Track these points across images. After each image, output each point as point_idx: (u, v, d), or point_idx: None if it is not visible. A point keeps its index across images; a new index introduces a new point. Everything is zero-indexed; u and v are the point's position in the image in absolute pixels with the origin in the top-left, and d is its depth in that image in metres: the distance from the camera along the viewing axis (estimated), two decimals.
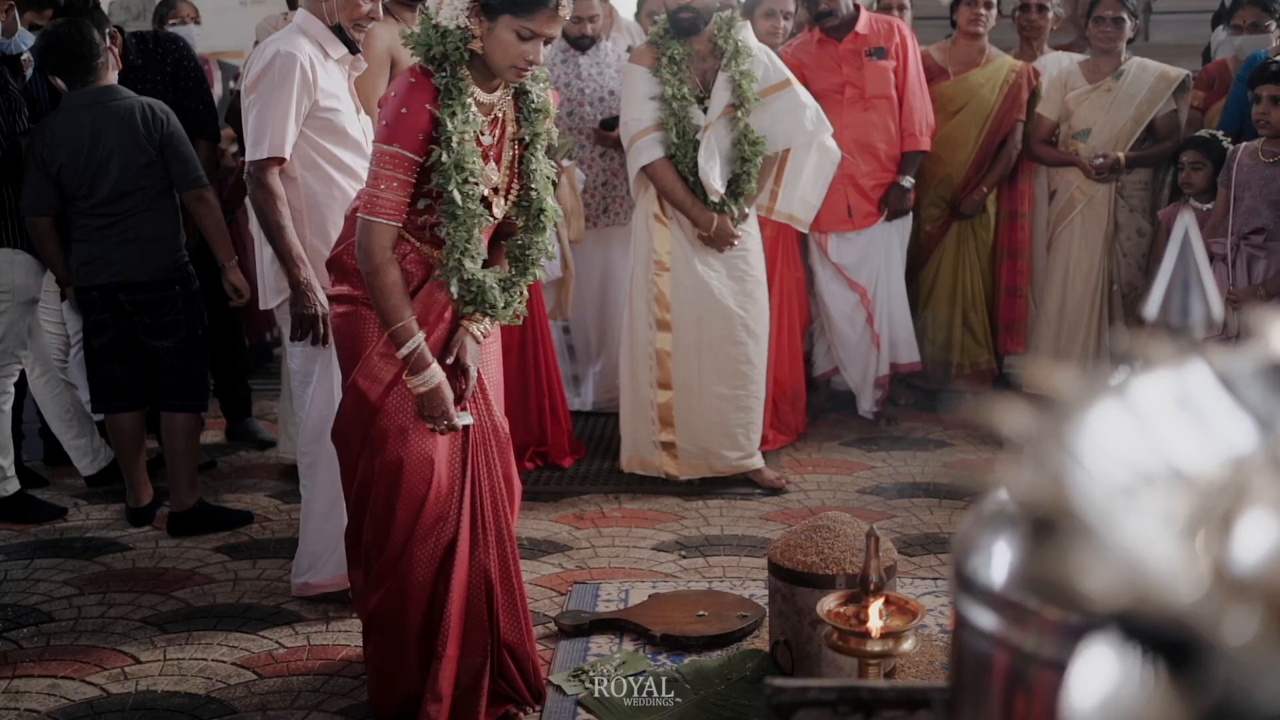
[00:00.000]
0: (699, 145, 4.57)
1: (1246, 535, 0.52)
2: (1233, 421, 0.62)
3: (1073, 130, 5.40)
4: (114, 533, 4.48)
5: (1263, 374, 0.65)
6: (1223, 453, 0.60)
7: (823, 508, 4.44)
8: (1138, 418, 0.63)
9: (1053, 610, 0.76)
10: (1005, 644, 0.81)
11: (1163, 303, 0.87)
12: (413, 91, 2.81)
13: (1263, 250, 4.57)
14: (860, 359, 5.51)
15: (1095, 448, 0.60)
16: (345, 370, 3.07)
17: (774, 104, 4.69)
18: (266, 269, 3.83)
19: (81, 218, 4.36)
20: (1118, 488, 0.57)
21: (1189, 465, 0.59)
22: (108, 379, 4.48)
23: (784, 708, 1.16)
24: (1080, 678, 0.56)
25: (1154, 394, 0.65)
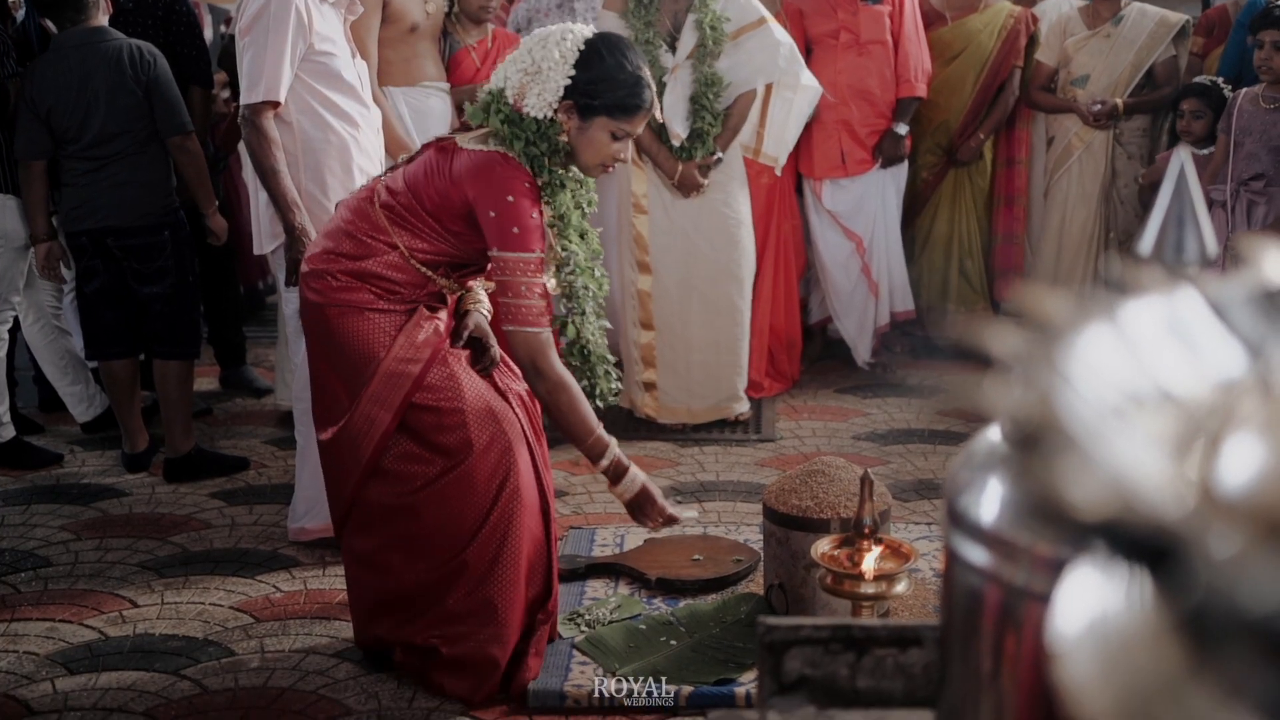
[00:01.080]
0: (665, 88, 4.56)
1: (1233, 457, 0.52)
2: (1223, 346, 0.63)
3: (1071, 76, 5.36)
4: (110, 479, 4.49)
5: (1253, 301, 0.66)
6: (1212, 377, 0.60)
7: (818, 453, 4.46)
8: (1128, 341, 0.63)
9: (1042, 545, 0.78)
10: (996, 579, 0.83)
11: (1157, 239, 0.87)
12: (529, 193, 2.80)
13: (1262, 196, 4.55)
14: (856, 308, 5.50)
15: (1085, 369, 0.61)
16: (344, 370, 2.92)
17: (747, 43, 4.67)
18: (261, 214, 3.81)
19: (70, 161, 4.33)
20: (1107, 407, 0.58)
21: (1178, 388, 0.59)
22: (99, 326, 4.46)
23: (777, 646, 1.17)
24: (1066, 602, 0.57)
25: (1145, 319, 0.65)
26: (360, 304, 2.90)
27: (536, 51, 2.81)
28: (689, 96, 4.61)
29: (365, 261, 2.90)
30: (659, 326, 4.82)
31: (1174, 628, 0.50)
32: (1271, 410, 0.56)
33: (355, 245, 2.91)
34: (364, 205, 2.95)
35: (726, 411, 4.88)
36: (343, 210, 3.01)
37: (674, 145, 4.62)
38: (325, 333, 2.93)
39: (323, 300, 2.92)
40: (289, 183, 3.65)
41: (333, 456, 3.00)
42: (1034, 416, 0.59)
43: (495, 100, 2.86)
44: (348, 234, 2.93)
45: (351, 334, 2.90)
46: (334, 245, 2.94)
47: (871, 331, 5.53)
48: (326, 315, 2.92)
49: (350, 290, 2.90)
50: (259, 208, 3.82)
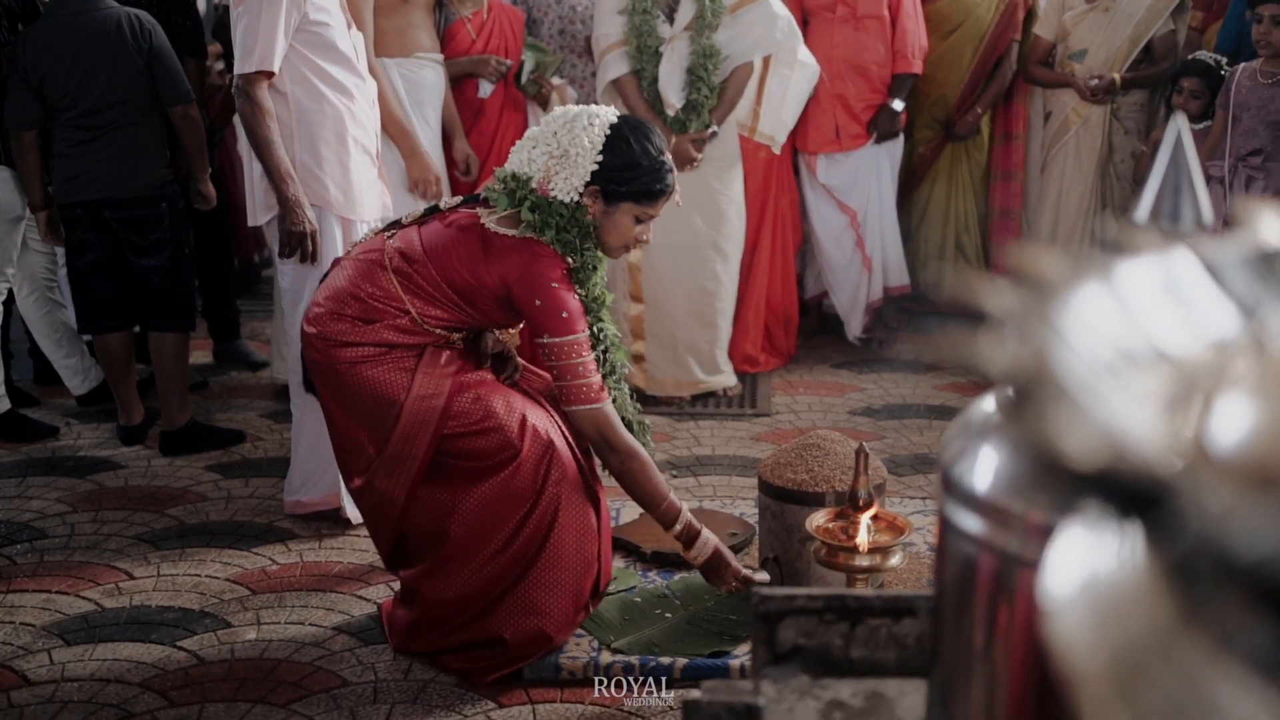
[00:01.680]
0: (661, 58, 4.57)
1: (1226, 416, 0.52)
2: (1217, 307, 0.63)
3: (1069, 51, 5.34)
4: (106, 451, 4.49)
5: (1248, 262, 0.66)
6: (1206, 336, 0.60)
7: (813, 428, 4.45)
8: (1122, 300, 0.63)
9: (1036, 513, 0.78)
10: (990, 547, 0.82)
11: (1153, 206, 0.87)
12: (567, 279, 2.82)
13: (1260, 171, 4.54)
14: (850, 283, 5.50)
15: (1079, 326, 0.61)
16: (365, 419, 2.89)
17: (745, 15, 4.68)
18: (255, 185, 3.79)
19: (64, 130, 4.30)
20: (1101, 364, 0.58)
21: (1172, 347, 0.59)
22: (93, 299, 4.44)
23: (771, 616, 1.17)
24: (1056, 561, 0.57)
25: (1140, 278, 0.65)
26: (368, 356, 2.87)
27: (563, 136, 2.82)
28: (686, 68, 4.61)
29: (372, 326, 2.86)
30: (647, 299, 4.84)
31: (1165, 579, 0.50)
32: (1265, 370, 0.56)
33: (361, 308, 2.87)
34: (372, 268, 2.89)
35: (712, 385, 4.90)
36: (346, 269, 2.94)
37: (668, 116, 4.61)
38: (337, 386, 2.90)
39: (328, 360, 2.89)
40: (283, 153, 3.63)
41: (367, 501, 2.98)
42: (1028, 370, 0.59)
43: (519, 186, 2.85)
44: (353, 296, 2.88)
45: (366, 384, 2.87)
46: (337, 307, 2.88)
47: (864, 306, 5.53)
48: (336, 371, 2.89)
49: (355, 349, 2.87)
50: (253, 179, 3.80)
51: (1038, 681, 0.81)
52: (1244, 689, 0.45)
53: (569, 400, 2.81)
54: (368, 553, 3.55)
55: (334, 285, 2.93)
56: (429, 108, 4.63)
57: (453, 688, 2.89)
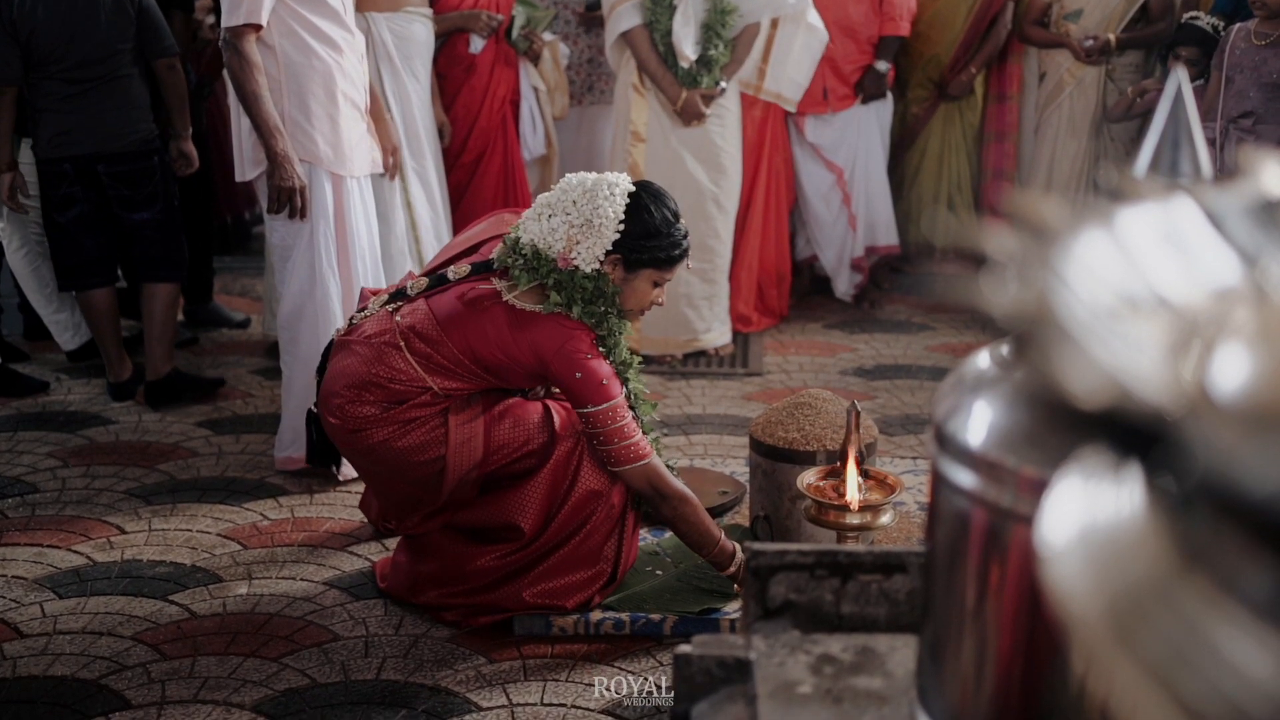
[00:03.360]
0: (675, 11, 4.55)
1: (1227, 362, 0.53)
2: (1218, 254, 0.62)
3: (1064, 11, 5.31)
4: (96, 407, 4.48)
5: (1249, 210, 0.65)
6: (1207, 284, 0.60)
7: (804, 387, 4.46)
8: (1124, 247, 0.63)
9: (1029, 468, 0.78)
10: (983, 501, 0.83)
11: (1152, 159, 0.87)
12: (595, 347, 2.84)
13: (1251, 134, 4.53)
14: (836, 240, 5.50)
15: (1081, 272, 0.61)
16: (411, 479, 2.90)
17: None
18: (244, 140, 3.77)
19: (51, 84, 4.25)
20: (1103, 310, 0.58)
21: (1174, 294, 0.59)
22: (76, 254, 4.40)
23: (762, 571, 1.18)
24: (1053, 508, 0.57)
25: (1141, 226, 0.65)
26: (398, 433, 2.86)
27: (584, 206, 2.82)
28: (701, 23, 4.60)
29: (397, 409, 2.85)
30: None
31: (1166, 521, 0.50)
32: (1266, 317, 0.56)
33: (384, 394, 2.86)
34: (386, 351, 2.86)
35: (707, 343, 4.89)
36: (357, 354, 2.89)
37: (680, 70, 4.59)
38: (374, 459, 2.91)
39: (358, 443, 2.89)
40: (271, 108, 3.61)
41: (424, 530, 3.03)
42: (1031, 313, 0.59)
43: (541, 262, 2.84)
44: (372, 383, 2.86)
45: (403, 454, 2.87)
46: (357, 395, 2.86)
47: (849, 263, 5.52)
48: (371, 449, 2.88)
49: (385, 429, 2.86)
50: (241, 133, 3.78)
51: (1028, 636, 0.82)
52: (1245, 632, 0.45)
53: (618, 463, 2.85)
54: (359, 510, 3.56)
55: (348, 373, 2.89)
56: (418, 63, 4.59)
57: (444, 642, 2.90)
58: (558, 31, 5.28)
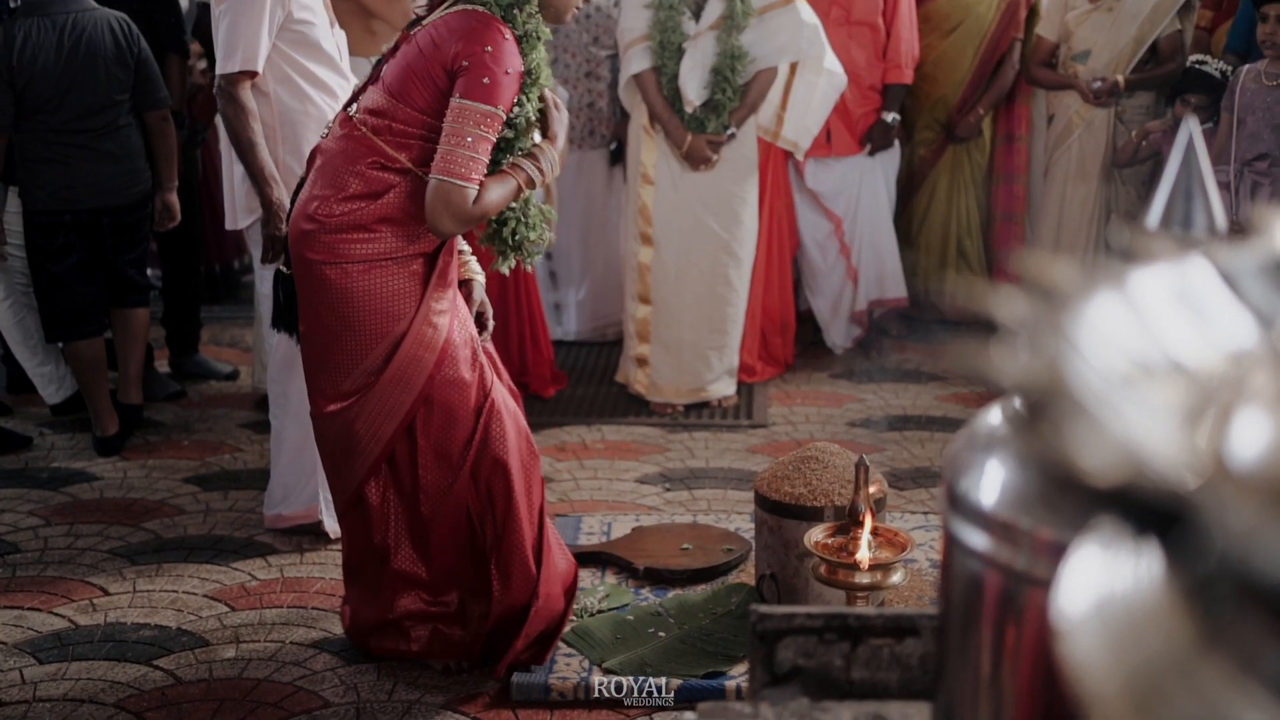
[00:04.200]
0: (684, 54, 4.54)
1: (1245, 429, 0.52)
2: (1233, 317, 0.63)
3: (1072, 52, 5.25)
4: (81, 463, 4.36)
5: (1265, 270, 0.65)
6: (1223, 347, 0.60)
7: (811, 440, 4.36)
8: (1137, 310, 0.63)
9: (1044, 529, 0.76)
10: (997, 563, 0.81)
11: (1164, 211, 0.85)
12: (511, 52, 2.67)
13: (1267, 177, 4.45)
14: (831, 290, 5.42)
15: (1094, 337, 0.61)
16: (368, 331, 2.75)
17: (772, 20, 4.66)
18: (237, 188, 3.70)
19: (50, 135, 4.21)
20: (1116, 376, 0.58)
21: (1189, 358, 0.59)
22: (70, 305, 4.37)
23: (769, 635, 1.15)
24: (1070, 579, 0.57)
25: (1154, 287, 0.65)
26: (381, 255, 2.71)
27: None
28: (710, 67, 4.58)
29: (384, 198, 2.70)
30: (656, 302, 4.75)
31: (1185, 599, 0.50)
32: None
33: (365, 183, 2.70)
34: (355, 139, 2.72)
35: (715, 394, 4.79)
36: (329, 153, 2.76)
37: (685, 114, 4.54)
38: (334, 297, 2.72)
39: (331, 258, 2.70)
40: (266, 156, 3.54)
41: (338, 436, 2.81)
42: (1042, 382, 0.59)
43: None
44: (352, 173, 2.71)
45: (371, 295, 2.71)
46: (335, 191, 2.71)
47: (847, 315, 5.44)
48: (346, 274, 2.70)
49: (369, 241, 2.71)
50: (234, 182, 3.71)
51: (1046, 704, 0.80)
52: (1266, 713, 0.45)
53: (439, 166, 2.61)
54: None
55: (323, 172, 2.75)
56: None
57: (438, 709, 2.80)
58: (555, 76, 5.22)
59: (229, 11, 3.50)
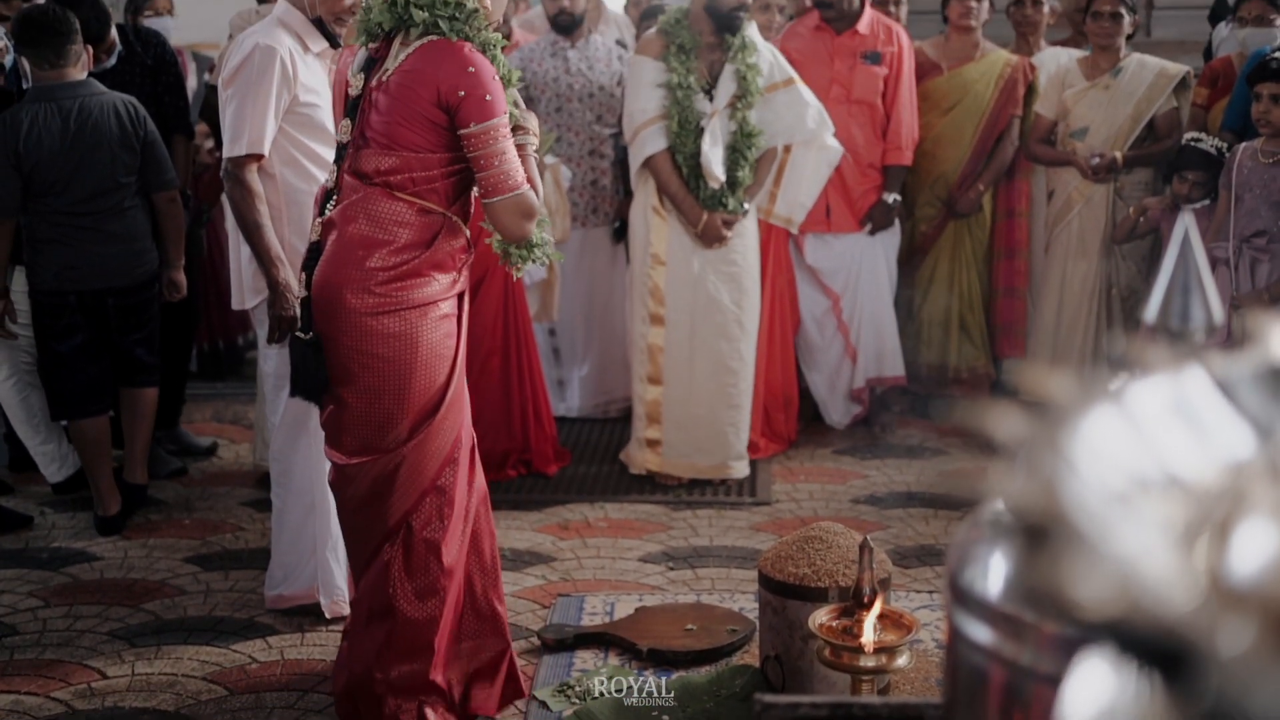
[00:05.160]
0: (702, 133, 4.57)
1: (1244, 544, 0.52)
2: (1231, 428, 0.63)
3: (1070, 129, 5.29)
4: (81, 542, 4.33)
5: (1261, 379, 0.66)
6: (1221, 459, 0.60)
7: (815, 518, 4.33)
8: (1134, 423, 0.63)
9: (1050, 624, 0.76)
10: (1001, 658, 0.80)
11: (1162, 306, 0.86)
12: (485, 63, 2.77)
13: (1266, 253, 4.46)
14: (828, 367, 5.42)
15: (1090, 453, 0.61)
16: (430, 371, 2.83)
17: (776, 100, 4.72)
18: (244, 269, 3.71)
19: (56, 217, 4.23)
20: (1113, 494, 0.57)
21: (1186, 472, 0.59)
22: (75, 383, 4.35)
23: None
24: (1075, 691, 0.56)
25: (1151, 399, 0.65)
26: (435, 297, 2.81)
27: None
28: (727, 145, 4.63)
29: (434, 245, 2.80)
30: (668, 381, 4.74)
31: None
32: None
33: (415, 232, 2.79)
34: (382, 197, 2.78)
35: (727, 471, 4.77)
36: (354, 218, 2.79)
37: (709, 191, 4.60)
38: (392, 346, 2.78)
39: (388, 306, 2.77)
40: (273, 237, 3.56)
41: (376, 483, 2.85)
42: (1038, 507, 0.58)
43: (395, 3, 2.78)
44: (399, 224, 2.78)
45: (429, 337, 2.81)
46: (385, 245, 2.76)
47: (844, 392, 5.43)
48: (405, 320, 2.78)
49: (423, 285, 2.80)
50: (240, 262, 3.72)
51: None
52: None
53: (494, 191, 2.74)
54: None
55: (359, 233, 2.78)
56: None
57: None
58: (560, 154, 5.27)
59: (236, 95, 3.54)
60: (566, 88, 5.34)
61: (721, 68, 4.64)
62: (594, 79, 5.35)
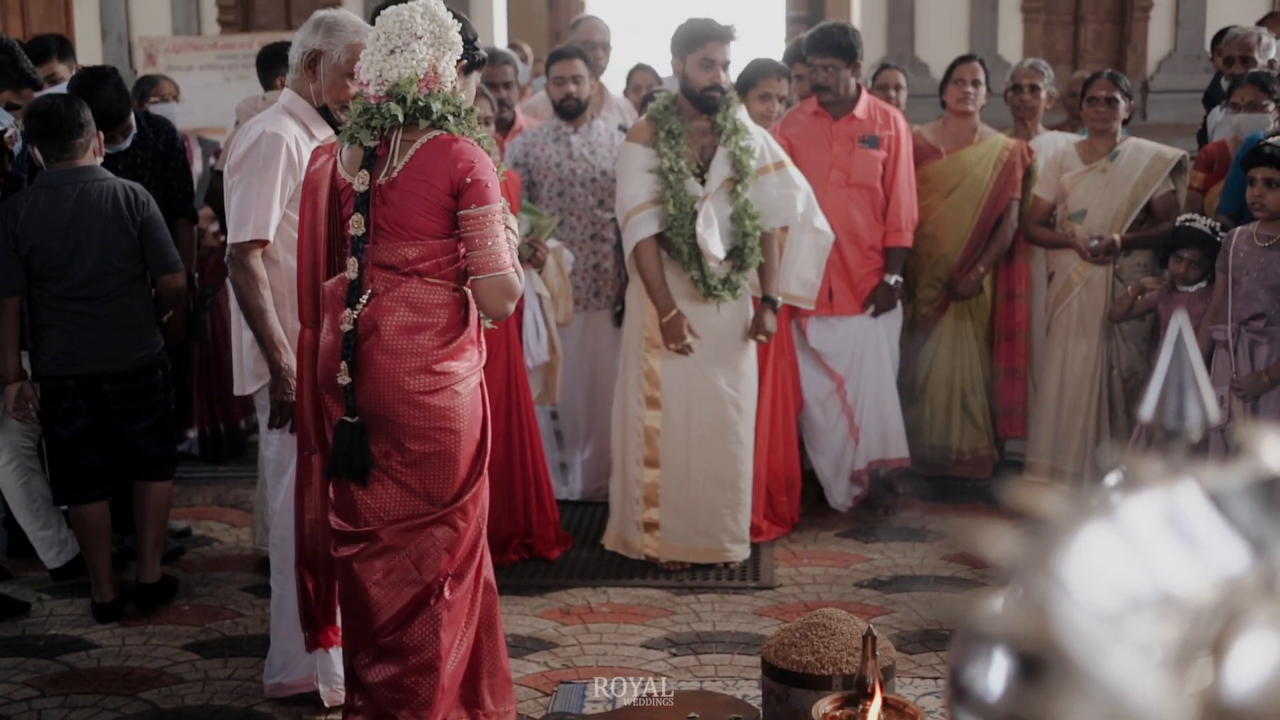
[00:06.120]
0: (696, 215, 4.58)
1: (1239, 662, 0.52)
2: (1224, 542, 0.63)
3: (1069, 211, 5.33)
4: (79, 630, 4.28)
5: (1254, 492, 0.65)
6: (1214, 575, 0.60)
7: (819, 602, 4.29)
8: (1127, 540, 0.63)
9: None
10: None
11: (1158, 405, 0.86)
12: (482, 154, 3.02)
13: (1264, 336, 4.47)
14: (833, 449, 5.39)
15: (1083, 573, 0.60)
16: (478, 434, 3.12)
17: (767, 183, 4.75)
18: (246, 353, 3.71)
19: (55, 302, 4.23)
20: (1105, 616, 0.57)
21: (1179, 589, 0.59)
22: (76, 468, 4.32)
23: None
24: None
25: (1143, 514, 0.65)
26: (475, 368, 3.10)
27: (420, 25, 2.96)
28: (729, 216, 4.65)
29: (468, 322, 3.08)
30: (665, 464, 4.72)
31: None
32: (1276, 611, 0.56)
33: (451, 312, 3.04)
34: (416, 285, 3.00)
35: (726, 554, 4.73)
36: (391, 309, 3.00)
37: (710, 275, 4.60)
38: (444, 419, 3.02)
39: (441, 384, 3.01)
40: (276, 322, 3.57)
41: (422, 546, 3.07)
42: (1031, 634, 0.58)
43: (405, 102, 2.96)
44: (438, 305, 3.02)
45: (475, 405, 3.09)
46: (428, 329, 3.00)
47: (848, 474, 5.40)
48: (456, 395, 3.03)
49: (465, 359, 3.07)
50: (242, 347, 3.72)
51: None
52: None
53: (484, 268, 2.97)
54: None
55: (400, 322, 2.99)
56: None
57: None
58: (562, 238, 5.30)
59: (242, 182, 3.56)
60: (569, 172, 5.38)
61: (714, 151, 4.67)
62: (596, 164, 5.39)
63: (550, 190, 5.36)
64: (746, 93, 5.08)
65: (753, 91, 5.12)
